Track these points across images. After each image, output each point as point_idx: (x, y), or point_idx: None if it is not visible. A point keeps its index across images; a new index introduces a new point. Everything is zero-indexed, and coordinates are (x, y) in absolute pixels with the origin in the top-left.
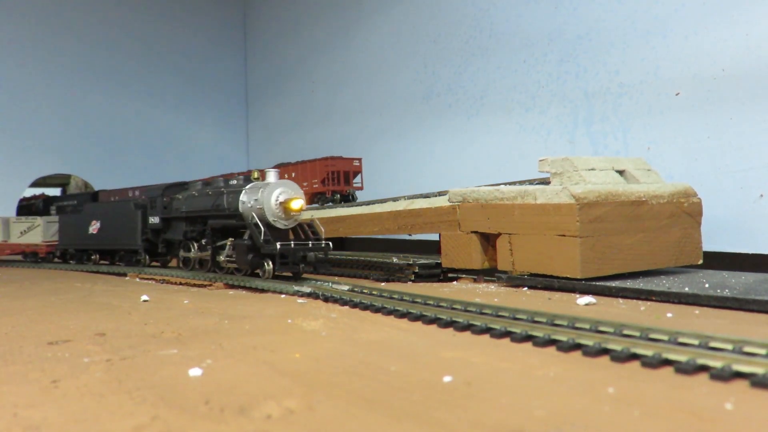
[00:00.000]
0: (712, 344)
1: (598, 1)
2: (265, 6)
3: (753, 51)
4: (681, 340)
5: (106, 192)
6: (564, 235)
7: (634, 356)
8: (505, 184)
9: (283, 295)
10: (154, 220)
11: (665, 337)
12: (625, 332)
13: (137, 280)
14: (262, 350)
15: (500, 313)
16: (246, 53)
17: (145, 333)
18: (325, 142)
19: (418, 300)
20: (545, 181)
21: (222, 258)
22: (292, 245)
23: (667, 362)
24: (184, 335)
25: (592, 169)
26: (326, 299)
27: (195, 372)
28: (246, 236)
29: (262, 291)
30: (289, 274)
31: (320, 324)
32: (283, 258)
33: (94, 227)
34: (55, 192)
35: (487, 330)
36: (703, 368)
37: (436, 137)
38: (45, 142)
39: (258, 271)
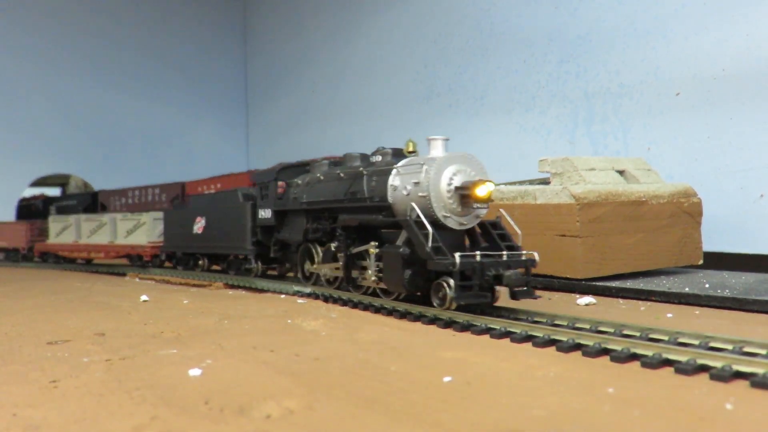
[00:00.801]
0: (712, 344)
1: (598, 2)
2: (265, 6)
3: (753, 51)
4: (681, 340)
5: (105, 192)
6: (564, 235)
7: (634, 356)
8: (505, 184)
9: (282, 295)
10: (264, 214)
11: (665, 337)
12: (625, 332)
13: (137, 280)
14: (262, 350)
15: (500, 314)
16: (246, 53)
17: (144, 333)
18: (325, 142)
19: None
20: (545, 181)
21: (369, 273)
22: (478, 257)
23: (667, 362)
24: (184, 335)
25: (592, 169)
26: (326, 299)
27: (195, 372)
28: (400, 241)
29: (262, 291)
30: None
31: (320, 324)
32: (466, 279)
33: (199, 225)
34: (54, 192)
35: (487, 330)
36: (703, 368)
37: (436, 137)
38: (45, 142)
39: (434, 300)
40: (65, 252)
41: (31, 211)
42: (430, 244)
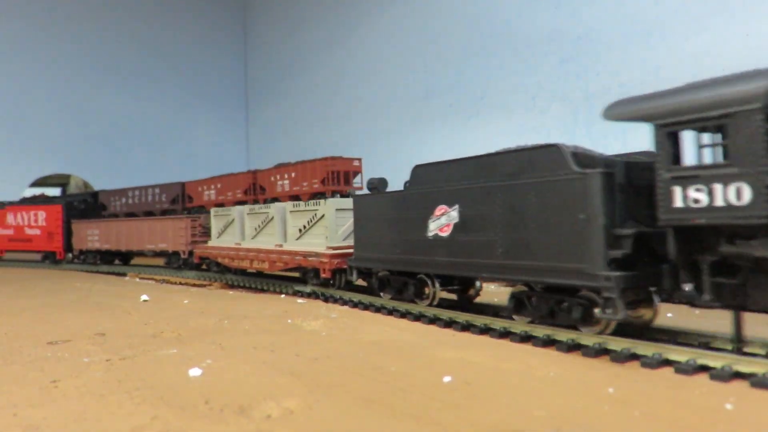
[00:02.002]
0: (713, 344)
1: (598, 2)
2: (265, 6)
3: (753, 51)
4: (681, 339)
5: (105, 192)
6: None
7: (634, 356)
8: None
9: (282, 295)
10: (737, 196)
11: (665, 337)
12: (626, 332)
13: (137, 280)
14: (262, 350)
15: (500, 313)
16: (246, 53)
17: (145, 333)
18: (325, 142)
19: (418, 299)
20: None
21: None
22: None
23: (667, 362)
24: (184, 335)
25: None
26: (326, 299)
27: (195, 372)
28: None
29: (262, 291)
30: None
31: (320, 324)
32: None
33: (443, 221)
34: (55, 192)
35: (486, 330)
36: (703, 368)
37: (436, 137)
38: (45, 142)
39: None
40: (226, 259)
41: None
42: None
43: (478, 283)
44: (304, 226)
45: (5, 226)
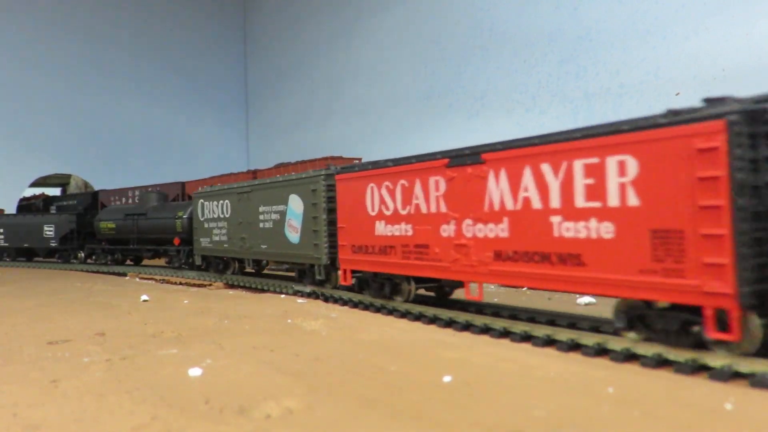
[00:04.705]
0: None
1: (598, 2)
2: (265, 6)
3: (753, 51)
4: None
5: (106, 192)
6: None
7: (634, 356)
8: None
9: (283, 295)
10: None
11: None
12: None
13: (137, 280)
14: (262, 350)
15: (500, 313)
16: (246, 53)
17: (145, 333)
18: (325, 142)
19: (418, 299)
20: None
21: None
22: None
23: (667, 362)
24: (184, 335)
25: None
26: (326, 299)
27: (195, 372)
28: None
29: (262, 291)
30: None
31: (320, 324)
32: None
33: None
34: (55, 192)
35: (486, 330)
36: (703, 368)
37: (436, 137)
38: (45, 142)
39: None
40: None
41: (31, 210)
42: None
43: None
44: None
45: (487, 215)
